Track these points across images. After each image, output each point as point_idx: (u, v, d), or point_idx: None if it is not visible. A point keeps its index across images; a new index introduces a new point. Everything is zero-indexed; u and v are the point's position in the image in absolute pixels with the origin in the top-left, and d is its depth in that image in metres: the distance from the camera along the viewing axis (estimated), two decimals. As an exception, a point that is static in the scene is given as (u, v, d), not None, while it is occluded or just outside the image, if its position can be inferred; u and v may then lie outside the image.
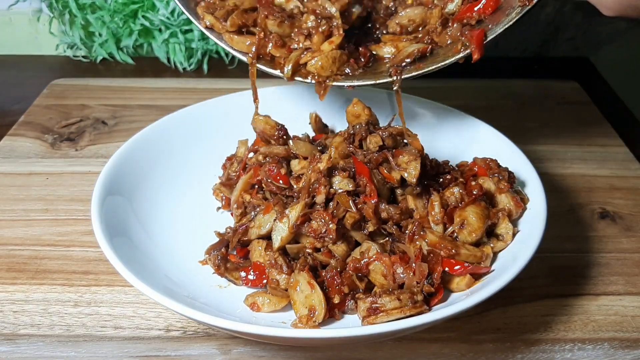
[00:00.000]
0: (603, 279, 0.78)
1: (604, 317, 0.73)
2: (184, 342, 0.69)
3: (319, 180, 0.70)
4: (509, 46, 1.37)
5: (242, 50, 0.78)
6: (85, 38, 1.29)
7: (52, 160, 0.99)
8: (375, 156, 0.72)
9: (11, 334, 0.70)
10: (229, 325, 0.59)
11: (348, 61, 0.78)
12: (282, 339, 0.64)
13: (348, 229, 0.69)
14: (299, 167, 0.75)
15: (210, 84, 1.21)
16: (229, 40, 0.78)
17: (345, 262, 0.69)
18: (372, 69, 0.80)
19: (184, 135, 0.90)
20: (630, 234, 0.86)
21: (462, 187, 0.74)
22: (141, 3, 1.22)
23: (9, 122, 1.09)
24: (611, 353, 0.69)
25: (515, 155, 0.83)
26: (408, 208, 0.72)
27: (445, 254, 0.68)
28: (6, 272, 0.78)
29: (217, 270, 0.72)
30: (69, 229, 0.84)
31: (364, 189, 0.70)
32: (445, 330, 0.71)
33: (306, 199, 0.70)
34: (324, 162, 0.71)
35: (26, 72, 1.30)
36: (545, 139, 1.06)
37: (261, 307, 0.68)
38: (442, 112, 0.94)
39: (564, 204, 0.91)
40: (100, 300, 0.74)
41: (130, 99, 1.16)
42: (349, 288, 0.67)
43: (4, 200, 0.89)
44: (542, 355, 0.68)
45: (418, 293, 0.64)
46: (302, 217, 0.69)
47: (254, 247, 0.73)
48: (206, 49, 1.29)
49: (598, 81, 1.30)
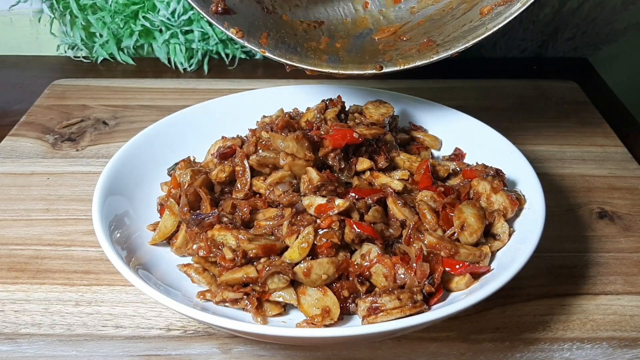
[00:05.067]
0: (602, 279, 0.79)
1: (602, 316, 0.73)
2: (184, 342, 0.69)
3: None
4: (508, 46, 1.37)
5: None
6: (86, 39, 1.30)
7: (53, 160, 0.99)
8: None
9: (12, 334, 0.70)
10: (230, 325, 0.59)
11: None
12: (283, 339, 0.64)
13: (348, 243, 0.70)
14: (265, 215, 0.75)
15: (211, 85, 1.22)
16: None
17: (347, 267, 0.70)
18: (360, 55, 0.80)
19: (184, 135, 0.90)
20: (628, 234, 0.86)
21: (434, 190, 0.75)
22: (142, 4, 1.23)
23: (10, 122, 1.10)
24: (610, 352, 0.69)
25: (514, 155, 0.83)
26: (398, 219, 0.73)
27: (445, 254, 0.68)
28: (7, 272, 0.78)
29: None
30: (70, 229, 0.85)
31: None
32: (444, 330, 0.71)
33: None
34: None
35: (27, 73, 1.31)
36: (544, 139, 1.06)
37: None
38: (441, 112, 0.94)
39: (562, 203, 0.91)
40: (101, 300, 0.74)
41: (130, 99, 1.16)
42: (349, 292, 0.68)
43: (5, 200, 0.90)
44: (540, 354, 0.69)
45: (418, 293, 0.64)
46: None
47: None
48: (206, 49, 1.29)
49: (597, 81, 1.30)
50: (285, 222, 0.71)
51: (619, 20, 1.34)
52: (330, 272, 0.67)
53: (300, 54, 0.81)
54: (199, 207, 0.77)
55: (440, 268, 0.67)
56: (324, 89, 0.98)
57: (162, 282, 0.68)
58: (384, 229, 0.71)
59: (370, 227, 0.70)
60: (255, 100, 0.97)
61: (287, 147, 0.73)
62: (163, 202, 0.79)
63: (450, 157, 0.89)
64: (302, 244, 0.67)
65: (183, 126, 0.91)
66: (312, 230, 0.68)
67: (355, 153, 0.79)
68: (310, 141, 0.74)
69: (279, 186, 0.75)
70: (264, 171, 0.78)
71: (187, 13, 1.23)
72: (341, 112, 0.86)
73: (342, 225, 0.69)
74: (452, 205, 0.73)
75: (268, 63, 1.35)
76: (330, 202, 0.70)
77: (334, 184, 0.73)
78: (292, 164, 0.73)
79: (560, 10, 1.33)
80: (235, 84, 1.21)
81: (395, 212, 0.73)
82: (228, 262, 0.68)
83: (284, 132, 0.77)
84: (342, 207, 0.70)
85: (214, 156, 0.84)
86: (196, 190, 0.77)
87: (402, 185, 0.76)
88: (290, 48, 0.82)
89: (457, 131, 0.91)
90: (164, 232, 0.75)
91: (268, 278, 0.67)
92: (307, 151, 0.73)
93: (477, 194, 0.77)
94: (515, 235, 0.73)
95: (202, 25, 1.25)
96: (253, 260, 0.69)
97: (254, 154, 0.78)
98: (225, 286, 0.68)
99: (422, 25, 0.85)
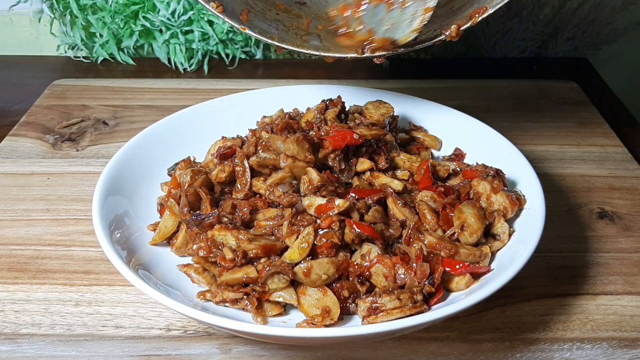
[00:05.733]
0: (602, 279, 0.79)
1: (602, 316, 0.73)
2: (184, 342, 0.69)
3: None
4: (508, 46, 1.37)
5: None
6: (86, 39, 1.30)
7: (53, 160, 0.99)
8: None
9: (12, 334, 0.70)
10: (230, 325, 0.59)
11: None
12: (283, 339, 0.64)
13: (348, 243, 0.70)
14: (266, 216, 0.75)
15: (211, 85, 1.22)
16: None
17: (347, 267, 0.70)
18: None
19: (184, 135, 0.90)
20: (628, 234, 0.86)
21: (434, 190, 0.75)
22: (142, 4, 1.23)
23: (10, 122, 1.10)
24: (610, 352, 0.69)
25: (514, 155, 0.83)
26: (398, 219, 0.73)
27: (445, 254, 0.68)
28: (7, 272, 0.78)
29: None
30: (70, 229, 0.85)
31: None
32: (444, 330, 0.71)
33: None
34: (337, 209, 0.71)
35: (27, 73, 1.31)
36: (544, 139, 1.06)
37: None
38: (441, 112, 0.94)
39: (562, 203, 0.91)
40: (101, 300, 0.74)
41: (131, 99, 1.16)
42: (349, 292, 0.68)
43: (5, 200, 0.90)
44: (540, 354, 0.69)
45: (418, 293, 0.65)
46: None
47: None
48: (206, 49, 1.29)
49: (597, 81, 1.30)
50: (285, 222, 0.71)
51: (619, 20, 1.34)
52: (330, 272, 0.67)
53: (281, 33, 0.80)
54: (199, 207, 0.77)
55: (440, 268, 0.67)
56: (324, 89, 0.98)
57: (162, 282, 0.68)
58: (384, 229, 0.71)
59: (370, 227, 0.70)
60: (255, 100, 0.97)
61: (287, 150, 0.73)
62: (163, 202, 0.79)
63: (450, 157, 0.89)
64: (302, 244, 0.67)
65: (183, 126, 0.91)
66: (312, 230, 0.68)
67: (356, 154, 0.79)
68: (311, 143, 0.74)
69: (279, 187, 0.75)
70: (264, 172, 0.78)
71: (187, 13, 1.23)
72: (341, 112, 0.86)
73: (342, 225, 0.69)
74: (452, 206, 0.73)
75: (268, 63, 1.35)
76: (330, 202, 0.70)
77: (334, 185, 0.73)
78: (292, 166, 0.73)
79: (560, 10, 1.33)
80: (235, 84, 1.21)
81: (395, 212, 0.73)
82: (228, 262, 0.68)
83: (283, 134, 0.77)
84: (342, 207, 0.70)
85: (214, 156, 0.84)
86: (196, 190, 0.77)
87: (402, 185, 0.76)
88: (271, 27, 0.80)
89: (457, 131, 0.91)
90: (164, 232, 0.75)
91: (268, 278, 0.67)
92: (307, 153, 0.73)
93: (477, 194, 0.77)
94: (515, 235, 0.73)
95: (202, 26, 1.25)
96: (253, 261, 0.69)
97: (254, 155, 0.78)
98: (225, 286, 0.68)
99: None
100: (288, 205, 0.74)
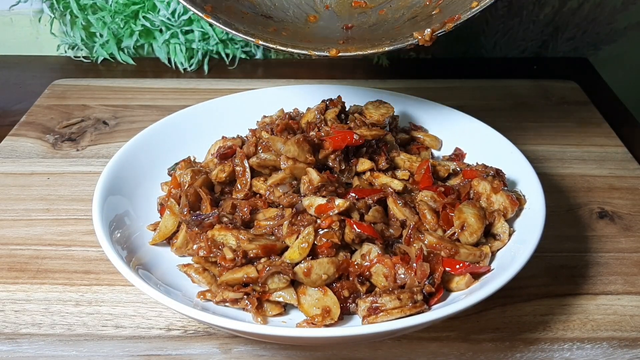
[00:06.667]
0: (602, 279, 0.79)
1: (602, 316, 0.73)
2: (184, 341, 0.69)
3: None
4: (508, 46, 1.37)
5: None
6: (86, 38, 1.30)
7: (53, 160, 0.99)
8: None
9: (12, 333, 0.70)
10: (230, 325, 0.59)
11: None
12: (283, 339, 0.64)
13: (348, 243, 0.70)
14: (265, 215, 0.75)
15: (211, 85, 1.22)
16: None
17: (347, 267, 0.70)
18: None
19: (184, 135, 0.90)
20: (629, 234, 0.86)
21: (434, 190, 0.75)
22: (142, 4, 1.23)
23: (10, 122, 1.10)
24: (610, 352, 0.69)
25: (514, 155, 0.83)
26: (399, 219, 0.73)
27: (445, 254, 0.68)
28: (7, 272, 0.78)
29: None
30: (70, 229, 0.85)
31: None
32: (444, 330, 0.71)
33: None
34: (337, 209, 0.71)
35: (27, 73, 1.31)
36: (544, 139, 1.06)
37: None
38: (441, 112, 0.94)
39: (562, 203, 0.91)
40: (101, 300, 0.74)
41: (131, 99, 1.16)
42: (349, 292, 0.68)
43: (6, 200, 0.90)
44: (540, 354, 0.69)
45: (418, 293, 0.65)
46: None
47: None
48: (207, 49, 1.29)
49: (597, 81, 1.30)
50: (285, 222, 0.71)
51: (619, 20, 1.34)
52: (330, 272, 0.67)
53: (247, 25, 0.77)
54: (199, 207, 0.77)
55: (441, 268, 0.67)
56: (324, 88, 0.98)
57: (162, 282, 0.68)
58: (384, 229, 0.71)
59: (370, 227, 0.70)
60: (255, 100, 0.97)
61: (288, 151, 0.73)
62: (163, 202, 0.79)
63: (451, 157, 0.89)
64: (302, 244, 0.67)
65: (183, 126, 0.91)
66: (312, 230, 0.68)
67: (356, 154, 0.79)
68: (311, 144, 0.74)
69: (280, 187, 0.75)
70: (264, 172, 0.78)
71: (187, 13, 1.23)
72: (341, 112, 0.86)
73: (342, 225, 0.69)
74: (452, 205, 0.73)
75: (268, 63, 1.35)
76: (331, 202, 0.70)
77: (334, 185, 0.73)
78: (293, 167, 0.73)
79: (560, 10, 1.33)
80: (235, 84, 1.21)
81: (396, 212, 0.73)
82: (228, 262, 0.68)
83: (284, 135, 0.77)
84: (342, 207, 0.70)
85: (214, 156, 0.84)
86: (196, 190, 0.77)
87: (402, 185, 0.76)
88: (237, 17, 0.77)
89: (457, 131, 0.91)
90: (164, 232, 0.75)
91: (268, 278, 0.67)
92: (308, 154, 0.73)
93: (477, 194, 0.77)
94: (515, 235, 0.73)
95: (203, 25, 1.25)
96: (253, 260, 0.69)
97: (255, 156, 0.78)
98: (225, 286, 0.68)
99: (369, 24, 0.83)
100: (288, 205, 0.74)
